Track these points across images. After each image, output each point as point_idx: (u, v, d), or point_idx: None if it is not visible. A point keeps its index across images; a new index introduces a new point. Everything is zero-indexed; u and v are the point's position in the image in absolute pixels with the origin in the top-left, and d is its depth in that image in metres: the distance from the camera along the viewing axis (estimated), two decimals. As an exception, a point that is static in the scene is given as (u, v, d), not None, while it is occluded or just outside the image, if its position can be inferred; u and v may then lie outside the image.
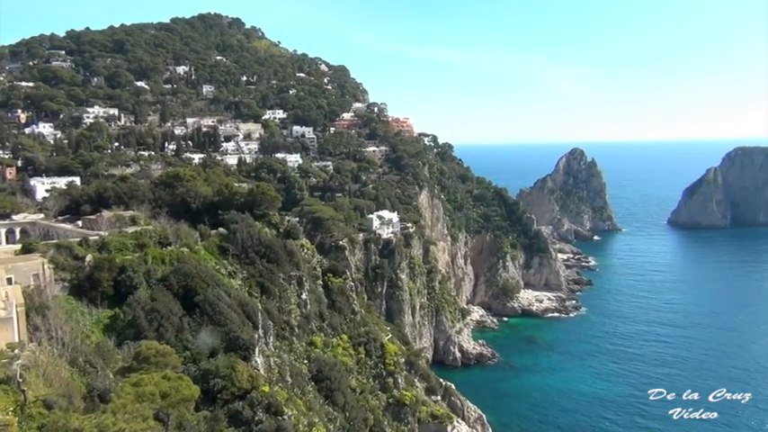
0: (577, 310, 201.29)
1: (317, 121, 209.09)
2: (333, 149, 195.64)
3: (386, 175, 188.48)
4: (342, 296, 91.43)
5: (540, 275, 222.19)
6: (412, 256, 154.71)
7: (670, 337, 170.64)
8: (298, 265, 79.00)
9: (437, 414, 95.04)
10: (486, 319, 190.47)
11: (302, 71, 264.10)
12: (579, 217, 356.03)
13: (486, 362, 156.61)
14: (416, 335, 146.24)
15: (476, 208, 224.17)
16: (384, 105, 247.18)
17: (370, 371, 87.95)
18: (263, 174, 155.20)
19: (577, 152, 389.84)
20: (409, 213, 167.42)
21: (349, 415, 72.10)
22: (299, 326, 76.19)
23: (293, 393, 62.96)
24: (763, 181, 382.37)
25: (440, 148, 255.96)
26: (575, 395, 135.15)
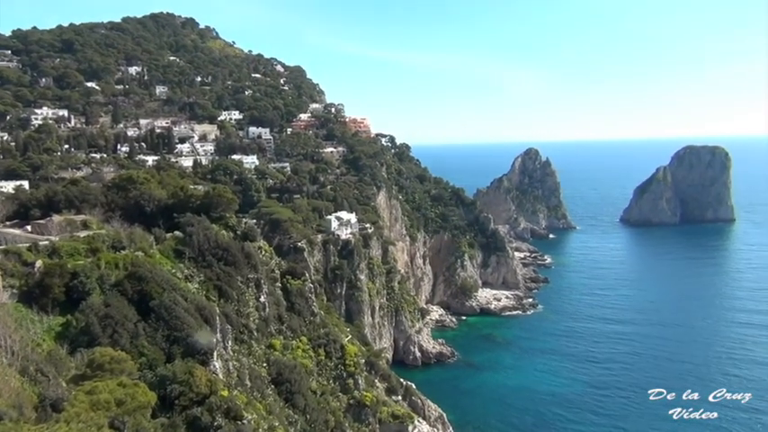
0: (534, 307, 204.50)
1: (274, 121, 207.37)
2: (290, 150, 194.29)
3: (344, 176, 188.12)
4: (301, 298, 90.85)
5: (498, 274, 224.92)
6: (371, 256, 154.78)
7: (624, 332, 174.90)
8: (256, 267, 78.15)
9: (398, 414, 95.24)
10: (446, 318, 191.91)
11: (258, 72, 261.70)
12: (535, 216, 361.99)
13: (445, 361, 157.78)
14: (376, 335, 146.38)
15: (434, 208, 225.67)
16: (341, 106, 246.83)
17: (330, 372, 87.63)
18: (220, 176, 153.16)
19: (532, 152, 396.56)
20: (368, 214, 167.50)
21: (310, 417, 71.69)
22: (258, 329, 75.37)
23: (253, 397, 62.29)
24: (710, 179, 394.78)
25: (397, 148, 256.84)
26: (533, 391, 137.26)
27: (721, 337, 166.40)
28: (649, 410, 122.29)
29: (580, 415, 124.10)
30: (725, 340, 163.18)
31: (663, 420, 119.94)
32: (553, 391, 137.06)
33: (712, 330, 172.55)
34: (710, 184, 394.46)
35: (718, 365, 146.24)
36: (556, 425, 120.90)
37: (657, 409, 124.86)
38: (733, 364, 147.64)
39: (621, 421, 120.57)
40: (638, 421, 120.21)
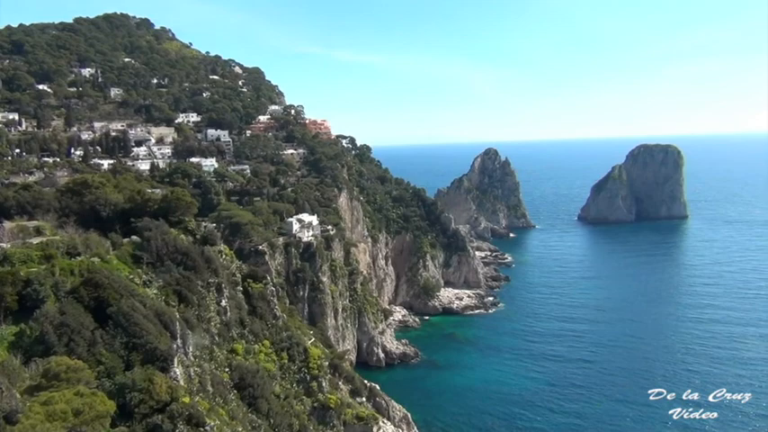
0: (496, 306, 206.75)
1: (233, 123, 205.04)
2: (250, 153, 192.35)
3: (305, 178, 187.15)
4: (263, 301, 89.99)
5: (460, 273, 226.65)
6: (333, 258, 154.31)
7: (583, 330, 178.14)
8: (216, 271, 77.14)
9: (362, 416, 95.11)
10: (409, 318, 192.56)
11: (216, 73, 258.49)
12: (495, 215, 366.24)
13: (409, 361, 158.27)
14: (339, 337, 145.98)
15: (395, 209, 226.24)
16: (301, 108, 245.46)
17: (293, 376, 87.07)
18: (178, 179, 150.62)
19: (492, 152, 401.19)
20: (329, 216, 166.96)
21: (273, 422, 71.09)
22: (220, 333, 74.45)
23: (215, 403, 61.47)
24: (663, 177, 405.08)
25: (358, 150, 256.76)
26: (496, 390, 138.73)
27: (678, 332, 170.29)
28: (608, 407, 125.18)
29: (541, 413, 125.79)
30: (682, 336, 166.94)
31: (617, 418, 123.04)
32: (515, 388, 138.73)
33: (670, 326, 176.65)
34: (664, 182, 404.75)
35: (676, 361, 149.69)
36: (518, 423, 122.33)
37: (613, 407, 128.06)
38: (692, 360, 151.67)
39: (581, 419, 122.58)
40: (596, 418, 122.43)
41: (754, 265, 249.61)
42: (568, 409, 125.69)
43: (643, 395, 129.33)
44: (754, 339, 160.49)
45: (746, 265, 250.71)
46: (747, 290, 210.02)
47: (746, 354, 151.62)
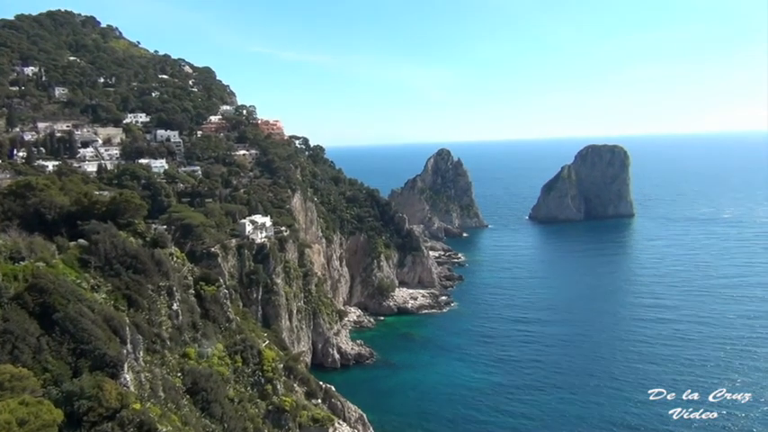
0: (450, 305, 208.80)
1: (183, 124, 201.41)
2: (201, 154, 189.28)
3: (257, 179, 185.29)
4: (215, 304, 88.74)
5: (414, 273, 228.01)
6: (287, 260, 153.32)
7: (535, 328, 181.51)
8: (167, 274, 75.73)
9: (318, 417, 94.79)
10: (364, 319, 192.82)
11: (165, 73, 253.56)
12: (448, 215, 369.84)
13: (365, 362, 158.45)
14: (294, 339, 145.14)
15: (349, 209, 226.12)
16: (253, 108, 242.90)
17: (247, 379, 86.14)
18: (127, 181, 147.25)
19: (444, 152, 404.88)
20: (283, 217, 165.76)
21: (227, 426, 70.20)
22: (171, 338, 73.11)
23: (167, 409, 60.38)
24: (610, 177, 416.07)
25: (311, 150, 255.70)
26: (451, 388, 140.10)
27: (625, 330, 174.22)
28: (555, 405, 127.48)
29: (495, 412, 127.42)
30: (629, 334, 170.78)
31: (560, 417, 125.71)
32: (470, 387, 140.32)
33: (618, 324, 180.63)
34: (611, 182, 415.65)
35: (621, 358, 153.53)
36: (472, 422, 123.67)
37: (558, 406, 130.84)
38: (637, 358, 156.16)
39: (531, 418, 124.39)
40: (542, 416, 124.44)
41: (697, 262, 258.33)
42: (520, 409, 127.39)
43: (590, 394, 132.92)
44: (700, 337, 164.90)
45: (690, 262, 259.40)
46: (691, 287, 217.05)
47: (692, 352, 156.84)
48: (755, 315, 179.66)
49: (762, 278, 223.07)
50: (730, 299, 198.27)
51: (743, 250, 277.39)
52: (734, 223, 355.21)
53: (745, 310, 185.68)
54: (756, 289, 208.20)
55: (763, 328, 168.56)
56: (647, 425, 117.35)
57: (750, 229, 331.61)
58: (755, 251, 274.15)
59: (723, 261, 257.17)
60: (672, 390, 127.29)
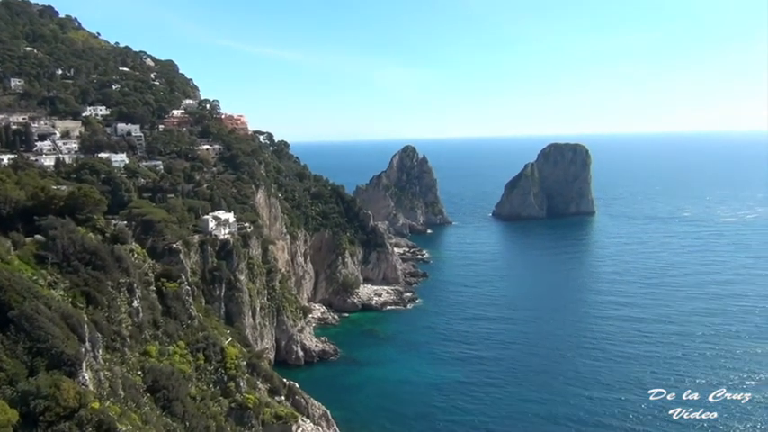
0: (414, 302, 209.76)
1: (145, 118, 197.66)
2: (163, 148, 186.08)
3: (221, 175, 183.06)
4: (177, 301, 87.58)
5: (379, 270, 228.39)
6: (250, 256, 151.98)
7: (497, 325, 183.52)
8: (127, 271, 74.48)
9: (281, 414, 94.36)
10: (328, 315, 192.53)
11: (126, 65, 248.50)
12: (413, 212, 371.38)
13: (328, 358, 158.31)
14: (258, 336, 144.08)
15: (314, 206, 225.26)
16: (217, 102, 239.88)
17: (210, 376, 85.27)
18: (86, 175, 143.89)
19: (410, 149, 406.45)
20: (246, 213, 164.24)
21: (189, 424, 69.43)
22: (132, 335, 71.94)
23: (127, 407, 59.46)
24: (572, 175, 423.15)
25: (276, 146, 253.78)
26: (414, 384, 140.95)
27: (585, 328, 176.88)
28: (515, 402, 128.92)
29: (456, 407, 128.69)
30: (588, 331, 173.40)
31: (520, 414, 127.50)
32: (433, 383, 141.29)
33: (577, 321, 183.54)
34: (573, 180, 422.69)
35: (581, 356, 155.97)
36: (435, 417, 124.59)
37: (518, 403, 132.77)
38: (598, 355, 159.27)
39: (490, 409, 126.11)
40: (502, 412, 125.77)
41: (655, 259, 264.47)
42: (481, 406, 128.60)
43: (550, 391, 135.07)
44: (657, 335, 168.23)
45: (649, 259, 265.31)
46: (649, 284, 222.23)
47: (650, 349, 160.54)
48: (711, 312, 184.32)
49: (718, 276, 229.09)
50: (687, 296, 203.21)
51: (700, 248, 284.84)
52: (693, 222, 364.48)
53: (701, 307, 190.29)
54: (711, 287, 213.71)
55: (720, 324, 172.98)
56: (604, 421, 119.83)
57: (708, 228, 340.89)
58: (712, 249, 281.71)
59: (680, 259, 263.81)
60: (627, 387, 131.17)
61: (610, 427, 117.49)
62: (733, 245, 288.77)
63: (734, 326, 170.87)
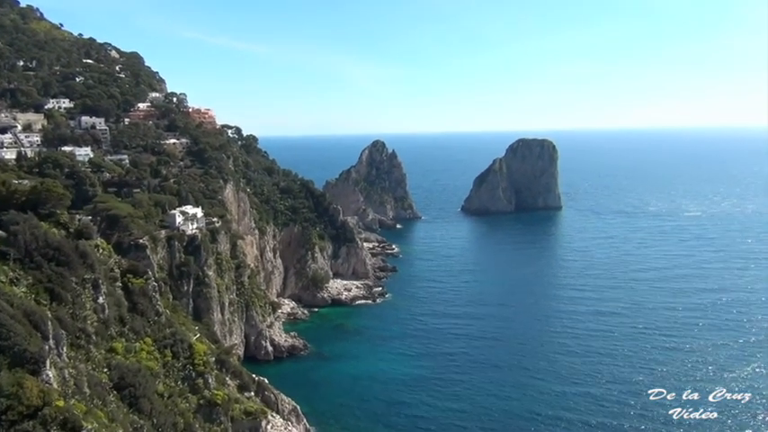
0: (384, 296, 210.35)
1: (110, 111, 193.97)
2: (128, 142, 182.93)
3: (188, 169, 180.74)
4: (144, 297, 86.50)
5: (348, 265, 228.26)
6: (219, 251, 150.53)
7: (465, 318, 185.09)
8: (92, 266, 73.26)
9: (251, 410, 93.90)
10: (297, 310, 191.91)
11: (90, 57, 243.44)
12: (382, 206, 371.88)
13: (298, 353, 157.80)
14: (226, 332, 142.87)
15: (283, 200, 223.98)
16: (184, 96, 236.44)
17: (178, 373, 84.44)
18: (48, 169, 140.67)
19: (379, 144, 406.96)
20: (214, 208, 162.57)
21: (157, 422, 68.67)
22: (97, 332, 70.84)
23: (93, 405, 58.54)
24: (540, 170, 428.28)
25: (244, 140, 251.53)
26: (384, 378, 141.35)
27: (552, 323, 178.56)
28: (482, 397, 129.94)
29: (425, 401, 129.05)
30: (555, 326, 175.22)
31: (486, 408, 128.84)
32: (402, 377, 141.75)
33: (545, 316, 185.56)
34: (540, 175, 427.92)
35: (548, 351, 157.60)
36: (405, 410, 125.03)
37: (484, 398, 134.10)
38: (565, 351, 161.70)
39: (458, 404, 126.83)
40: (469, 407, 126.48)
41: (620, 253, 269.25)
42: (448, 401, 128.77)
43: (516, 386, 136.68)
44: (620, 329, 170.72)
45: (614, 253, 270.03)
46: (614, 278, 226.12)
47: (612, 344, 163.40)
48: (674, 306, 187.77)
49: (681, 270, 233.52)
50: (651, 289, 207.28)
51: (665, 242, 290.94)
52: (659, 216, 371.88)
53: (665, 300, 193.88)
54: (676, 281, 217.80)
55: (684, 318, 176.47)
56: (570, 416, 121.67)
57: (673, 222, 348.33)
58: (677, 243, 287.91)
59: (645, 252, 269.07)
60: (585, 383, 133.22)
61: (578, 421, 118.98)
62: (696, 239, 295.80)
63: (699, 319, 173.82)
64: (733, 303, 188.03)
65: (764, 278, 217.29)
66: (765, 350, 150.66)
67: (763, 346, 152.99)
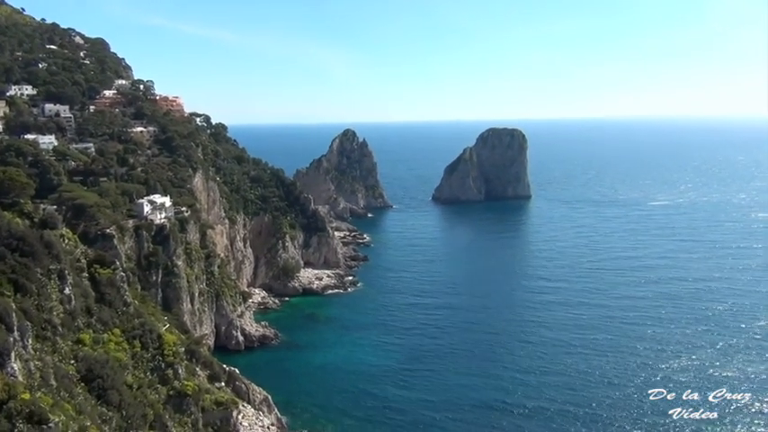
0: (355, 285, 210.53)
1: (74, 98, 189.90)
2: (94, 130, 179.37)
3: (156, 158, 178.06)
4: (111, 288, 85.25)
5: (319, 254, 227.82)
6: (188, 241, 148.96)
7: (436, 307, 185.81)
8: (58, 257, 71.96)
9: (221, 401, 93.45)
10: (268, 300, 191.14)
11: (53, 43, 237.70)
12: (353, 195, 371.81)
13: (269, 343, 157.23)
14: (196, 322, 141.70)
15: (253, 189, 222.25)
16: (151, 83, 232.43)
17: (147, 364, 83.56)
18: (11, 158, 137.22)
19: (350, 133, 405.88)
20: (183, 197, 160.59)
21: (126, 413, 67.90)
22: (63, 324, 69.67)
23: (60, 397, 57.71)
24: (509, 159, 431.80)
25: (213, 128, 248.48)
26: (355, 367, 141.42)
27: (522, 312, 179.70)
28: (453, 386, 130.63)
29: (396, 390, 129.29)
30: (526, 316, 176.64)
31: (457, 397, 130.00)
32: (373, 366, 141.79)
33: (515, 306, 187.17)
34: (510, 164, 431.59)
35: (519, 341, 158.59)
36: (375, 400, 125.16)
37: (455, 386, 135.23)
38: (531, 331, 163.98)
39: (428, 394, 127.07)
40: (439, 395, 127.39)
41: (588, 242, 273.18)
42: (419, 389, 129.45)
43: (487, 376, 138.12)
44: (588, 319, 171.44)
45: (582, 242, 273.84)
46: (582, 267, 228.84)
47: (580, 333, 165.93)
48: (641, 296, 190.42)
49: (647, 261, 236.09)
50: (620, 279, 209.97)
51: (634, 232, 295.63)
52: (629, 206, 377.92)
53: (633, 291, 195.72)
54: (643, 272, 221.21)
55: (650, 306, 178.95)
56: (541, 405, 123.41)
57: (641, 212, 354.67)
58: (645, 232, 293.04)
59: (613, 241, 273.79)
60: (553, 372, 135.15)
61: (547, 408, 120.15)
62: (661, 228, 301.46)
63: (663, 309, 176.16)
64: (701, 292, 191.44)
65: (724, 267, 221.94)
66: (728, 331, 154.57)
67: (721, 327, 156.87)
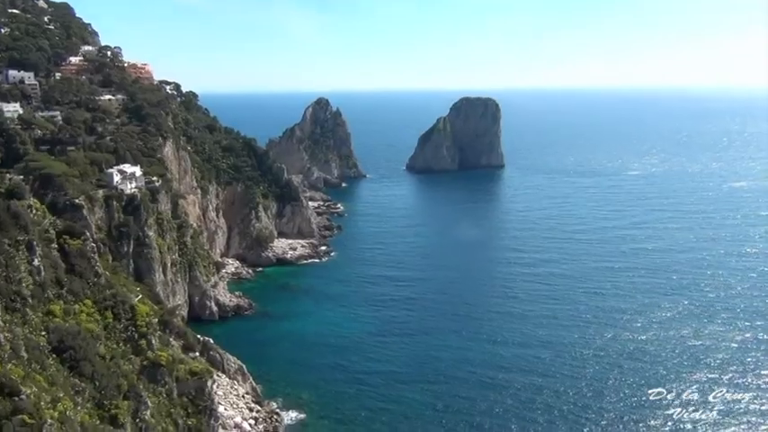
0: (329, 255, 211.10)
1: (39, 65, 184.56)
2: (60, 98, 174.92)
3: (125, 126, 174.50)
4: (82, 259, 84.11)
5: (293, 224, 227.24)
6: (160, 211, 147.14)
7: (409, 276, 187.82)
8: (26, 228, 70.74)
9: (196, 371, 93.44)
10: (242, 270, 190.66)
11: (15, 7, 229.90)
12: (327, 165, 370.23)
13: (243, 313, 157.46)
14: (169, 292, 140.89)
15: (225, 159, 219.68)
16: (118, 49, 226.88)
17: (119, 335, 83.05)
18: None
19: (323, 102, 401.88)
20: (154, 167, 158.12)
21: (99, 384, 67.66)
22: (33, 295, 68.79)
23: (31, 369, 57.28)
24: (483, 129, 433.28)
25: (183, 97, 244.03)
26: (329, 336, 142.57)
27: (495, 278, 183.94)
28: (425, 354, 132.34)
29: (369, 358, 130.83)
30: (497, 280, 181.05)
31: (432, 366, 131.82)
32: (348, 335, 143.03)
33: (488, 272, 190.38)
34: (483, 134, 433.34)
35: (492, 303, 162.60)
36: (350, 367, 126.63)
37: (428, 354, 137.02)
38: (503, 302, 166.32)
39: (400, 366, 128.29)
40: (412, 363, 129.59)
41: (561, 211, 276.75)
42: (392, 357, 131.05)
43: (457, 345, 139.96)
44: (563, 291, 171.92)
45: (554, 211, 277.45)
46: (554, 236, 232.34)
47: (552, 306, 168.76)
48: (617, 266, 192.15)
49: (621, 231, 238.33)
50: (589, 248, 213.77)
51: (609, 201, 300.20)
52: (605, 176, 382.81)
53: (608, 262, 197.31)
54: (616, 242, 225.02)
55: (629, 278, 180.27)
56: (511, 377, 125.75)
57: (617, 181, 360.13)
58: (621, 201, 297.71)
59: (587, 211, 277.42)
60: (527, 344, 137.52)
61: (519, 381, 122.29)
62: (635, 198, 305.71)
63: (634, 278, 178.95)
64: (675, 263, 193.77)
65: (694, 239, 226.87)
66: (690, 295, 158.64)
67: (684, 295, 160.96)
